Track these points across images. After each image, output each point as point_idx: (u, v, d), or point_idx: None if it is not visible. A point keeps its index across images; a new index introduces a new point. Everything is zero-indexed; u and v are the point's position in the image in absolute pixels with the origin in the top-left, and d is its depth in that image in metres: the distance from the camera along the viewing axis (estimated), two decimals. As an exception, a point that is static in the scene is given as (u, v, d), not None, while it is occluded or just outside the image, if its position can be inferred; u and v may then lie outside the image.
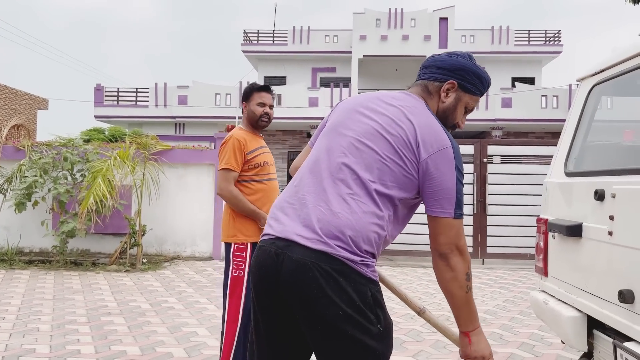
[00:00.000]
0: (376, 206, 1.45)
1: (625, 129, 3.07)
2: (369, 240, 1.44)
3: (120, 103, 21.59)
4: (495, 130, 20.28)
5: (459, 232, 1.49)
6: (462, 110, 1.63)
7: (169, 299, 5.39)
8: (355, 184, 1.46)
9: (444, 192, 1.46)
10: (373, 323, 1.42)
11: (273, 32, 24.43)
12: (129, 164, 7.29)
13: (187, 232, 8.19)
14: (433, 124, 1.50)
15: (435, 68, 1.62)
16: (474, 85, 1.61)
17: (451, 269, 1.48)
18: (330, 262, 1.40)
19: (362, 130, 1.52)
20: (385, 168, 1.46)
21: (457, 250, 1.48)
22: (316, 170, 1.52)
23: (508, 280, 6.77)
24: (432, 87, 1.61)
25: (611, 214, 2.04)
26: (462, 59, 1.61)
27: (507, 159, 8.18)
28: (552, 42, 23.58)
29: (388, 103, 1.56)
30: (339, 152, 1.51)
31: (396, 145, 1.47)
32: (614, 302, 1.98)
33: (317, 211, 1.44)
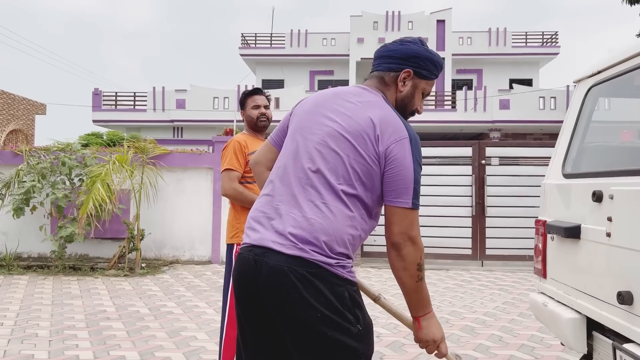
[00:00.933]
0: (347, 208, 1.48)
1: (622, 130, 3.07)
2: (343, 243, 1.47)
3: (118, 107, 21.57)
4: (494, 132, 20.30)
5: (413, 222, 1.50)
6: (419, 96, 1.66)
7: (167, 303, 5.37)
8: (324, 189, 1.48)
9: (401, 181, 1.48)
10: (352, 323, 1.45)
11: (271, 36, 24.46)
12: (127, 168, 7.29)
13: (186, 236, 8.17)
14: (391, 117, 1.52)
15: (389, 58, 1.64)
16: (429, 70, 1.63)
17: (402, 259, 1.49)
18: (305, 266, 1.42)
19: (324, 132, 1.54)
20: (349, 169, 1.49)
21: (410, 240, 1.48)
22: (285, 178, 1.55)
23: (507, 282, 6.76)
24: (389, 77, 1.63)
25: (609, 216, 2.04)
26: (414, 46, 1.62)
27: (506, 160, 8.19)
28: (549, 44, 23.63)
29: (347, 100, 1.58)
30: (304, 157, 1.54)
31: (357, 143, 1.49)
32: (613, 303, 1.97)
33: (290, 219, 1.47)
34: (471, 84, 23.33)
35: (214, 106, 20.50)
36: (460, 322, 4.72)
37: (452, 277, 7.17)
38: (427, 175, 8.19)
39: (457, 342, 4.09)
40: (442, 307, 5.30)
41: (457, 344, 4.03)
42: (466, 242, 8.07)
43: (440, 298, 5.74)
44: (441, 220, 8.08)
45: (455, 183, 8.16)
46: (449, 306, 5.35)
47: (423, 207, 8.24)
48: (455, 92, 20.94)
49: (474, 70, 23.94)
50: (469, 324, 4.65)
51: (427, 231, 8.05)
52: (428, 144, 8.68)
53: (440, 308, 5.23)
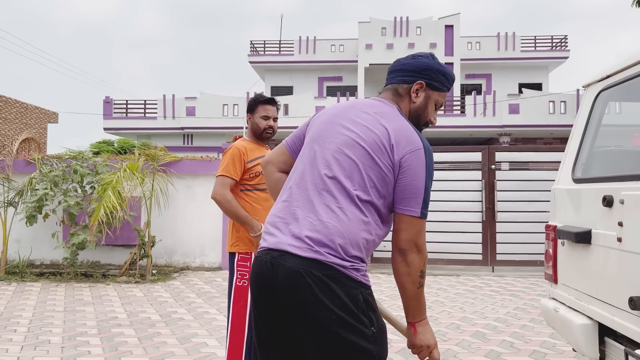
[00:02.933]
0: (361, 213, 1.53)
1: (633, 134, 3.06)
2: (357, 246, 1.51)
3: (128, 115, 21.77)
4: (503, 136, 20.22)
5: (420, 231, 1.55)
6: (432, 107, 1.71)
7: (178, 309, 5.40)
8: (340, 194, 1.53)
9: (413, 191, 1.53)
10: (366, 325, 1.48)
11: (279, 43, 24.59)
12: (138, 175, 7.35)
13: (196, 242, 8.21)
14: (406, 128, 1.58)
15: (402, 71, 1.70)
16: (441, 82, 1.69)
17: (407, 265, 1.54)
18: (321, 268, 1.47)
19: (341, 141, 1.59)
20: (365, 175, 1.54)
21: (416, 247, 1.54)
22: (302, 184, 1.60)
23: (518, 288, 6.71)
24: (402, 89, 1.70)
25: (620, 220, 2.04)
26: (426, 60, 1.69)
27: (516, 165, 8.15)
28: (558, 48, 23.52)
29: (363, 111, 1.64)
30: (321, 164, 1.59)
31: (372, 151, 1.54)
32: (625, 309, 1.96)
33: (306, 222, 1.52)
34: (480, 88, 23.26)
35: (224, 113, 20.62)
36: (471, 328, 4.69)
37: (462, 282, 7.13)
38: (437, 180, 8.16)
39: (468, 348, 4.06)
40: (453, 313, 5.27)
41: (468, 350, 4.01)
42: (477, 248, 8.02)
43: (451, 304, 5.71)
44: (451, 226, 8.05)
45: (465, 188, 8.13)
46: (460, 312, 5.32)
47: (433, 213, 8.25)
48: (464, 97, 20.90)
49: (483, 75, 23.87)
50: (480, 329, 4.62)
51: (437, 237, 8.03)
52: (438, 149, 8.66)
53: (451, 314, 5.21)
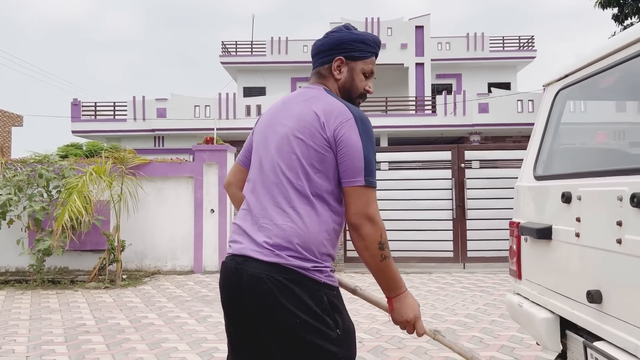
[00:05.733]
0: (314, 205, 1.51)
1: (591, 132, 3.14)
2: (319, 243, 1.50)
3: (97, 117, 21.33)
4: (474, 135, 20.54)
5: (368, 200, 1.50)
6: (361, 77, 1.69)
7: (149, 314, 5.32)
8: (290, 192, 1.52)
9: (350, 161, 1.49)
10: (331, 328, 1.47)
11: (251, 43, 24.45)
12: (105, 179, 7.21)
13: (168, 246, 8.10)
14: (333, 103, 1.55)
15: (319, 53, 1.69)
16: (360, 50, 1.66)
17: (362, 239, 1.49)
18: (282, 272, 1.46)
19: (279, 139, 1.58)
20: (306, 165, 1.52)
21: (367, 219, 1.48)
22: (255, 190, 1.60)
23: (489, 284, 6.83)
24: (324, 70, 1.68)
25: (578, 216, 2.08)
26: (338, 34, 1.67)
27: (485, 163, 8.28)
28: (525, 48, 24.01)
29: (294, 103, 1.63)
30: (268, 168, 1.58)
31: (307, 138, 1.52)
32: (584, 302, 2.01)
33: (264, 229, 1.52)
34: (451, 88, 23.57)
35: (195, 114, 20.38)
36: (442, 325, 4.75)
37: (434, 280, 7.22)
38: (408, 179, 8.26)
39: (439, 345, 4.11)
40: (425, 310, 5.32)
41: (439, 347, 4.05)
42: (448, 245, 8.13)
43: (423, 302, 5.77)
44: (423, 224, 8.14)
45: (435, 187, 8.23)
46: (431, 309, 5.38)
47: (404, 212, 8.34)
48: (435, 97, 21.14)
49: (453, 74, 24.21)
50: (450, 326, 4.69)
51: (409, 235, 8.11)
52: (408, 149, 8.75)
53: (423, 311, 5.26)
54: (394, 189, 8.24)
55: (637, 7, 12.42)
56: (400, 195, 8.24)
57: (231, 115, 20.17)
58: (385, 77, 23.05)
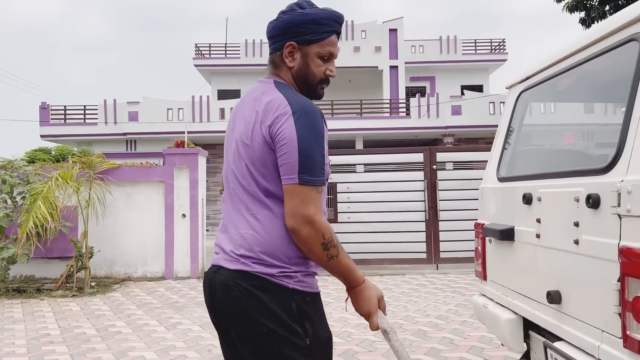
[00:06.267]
0: (270, 210, 1.43)
1: (552, 133, 3.18)
2: (283, 246, 1.42)
3: (67, 121, 20.87)
4: (447, 137, 20.75)
5: (305, 200, 1.37)
6: (316, 62, 1.53)
7: (116, 323, 5.19)
8: (248, 199, 1.47)
9: (285, 157, 1.38)
10: (300, 337, 1.39)
11: (225, 46, 24.27)
12: (72, 184, 7.04)
13: (138, 252, 7.95)
14: (274, 99, 1.43)
15: (271, 39, 1.55)
16: (313, 32, 1.50)
17: (302, 242, 1.39)
18: (248, 279, 1.41)
19: (235, 146, 1.53)
20: (253, 170, 1.45)
21: (305, 221, 1.37)
22: (225, 199, 1.57)
23: (461, 284, 6.88)
24: (278, 58, 1.55)
25: (538, 217, 2.10)
26: (287, 16, 1.51)
27: (458, 164, 8.36)
28: (497, 51, 24.40)
29: (246, 102, 1.55)
30: (230, 176, 1.55)
31: (251, 142, 1.45)
32: (544, 303, 2.02)
33: (232, 238, 1.49)
34: (424, 90, 23.80)
35: (168, 118, 20.11)
36: (414, 326, 4.75)
37: (407, 281, 7.24)
38: (382, 181, 8.29)
39: (409, 347, 4.11)
40: (397, 312, 5.33)
41: (409, 348, 4.05)
42: (421, 247, 8.17)
43: (395, 303, 5.77)
44: (396, 226, 8.17)
45: (408, 188, 8.27)
46: (404, 311, 5.39)
47: (378, 214, 8.35)
48: (409, 99, 21.30)
49: (427, 77, 24.44)
50: (421, 328, 4.69)
51: (382, 237, 8.13)
52: (382, 151, 8.78)
53: (395, 313, 5.27)
54: (369, 191, 8.26)
55: (603, 11, 12.71)
56: (375, 197, 8.25)
57: (205, 118, 19.98)
58: (360, 80, 23.14)
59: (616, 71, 1.94)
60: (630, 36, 1.74)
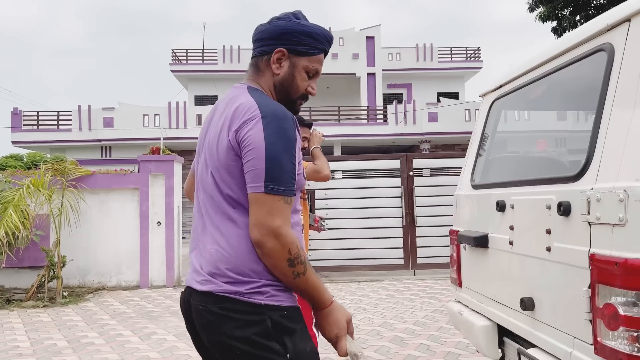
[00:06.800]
0: (234, 222, 1.35)
1: (525, 141, 3.23)
2: (249, 260, 1.33)
3: (40, 127, 20.45)
4: (424, 143, 20.95)
5: (270, 211, 1.28)
6: (302, 76, 1.48)
7: (89, 333, 5.07)
8: (212, 211, 1.39)
9: (251, 163, 1.30)
10: (280, 353, 1.30)
11: (202, 52, 24.13)
12: (44, 192, 6.89)
13: (112, 260, 7.80)
14: (244, 103, 1.36)
15: (260, 41, 1.48)
16: (307, 45, 1.46)
17: (266, 256, 1.30)
18: (217, 301, 1.33)
19: (204, 154, 1.46)
20: (217, 179, 1.37)
21: (270, 234, 1.27)
22: (195, 213, 1.49)
23: (438, 290, 6.92)
24: (262, 62, 1.49)
25: (511, 224, 2.12)
26: (284, 22, 1.46)
27: (434, 171, 8.43)
28: (472, 59, 24.80)
29: (219, 107, 1.48)
30: (198, 186, 1.48)
31: (217, 149, 1.38)
32: (518, 309, 2.04)
33: (198, 255, 1.42)
34: (401, 98, 24.01)
35: (144, 124, 19.87)
36: (391, 333, 4.76)
37: (385, 287, 7.26)
38: (359, 188, 8.30)
39: (387, 354, 4.11)
40: (375, 319, 5.33)
41: (386, 356, 4.05)
42: (398, 252, 8.21)
43: (373, 310, 5.78)
44: (374, 232, 8.19)
45: (386, 195, 8.31)
46: (381, 318, 5.39)
47: (356, 220, 8.37)
48: (386, 106, 21.47)
49: (404, 84, 24.69)
50: (398, 334, 4.70)
51: (360, 243, 8.15)
52: (360, 158, 8.82)
53: (372, 320, 5.26)
54: (347, 197, 8.27)
55: (573, 21, 13.03)
56: (353, 204, 8.27)
57: (182, 125, 19.79)
58: (338, 87, 23.23)
59: (586, 80, 1.97)
60: (599, 46, 1.78)
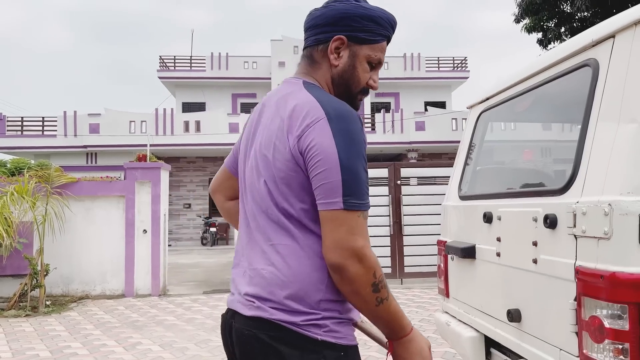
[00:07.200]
0: (294, 240, 1.17)
1: (512, 153, 3.26)
2: (310, 286, 1.16)
3: (24, 133, 20.22)
4: (411, 152, 21.07)
5: (353, 229, 1.11)
6: (364, 67, 1.29)
7: (72, 343, 4.99)
8: (266, 226, 1.21)
9: (322, 175, 1.12)
10: None
11: (190, 58, 24.09)
12: (28, 199, 6.79)
13: (96, 269, 7.70)
14: (305, 101, 1.18)
15: (315, 28, 1.29)
16: (370, 31, 1.26)
17: (348, 283, 1.12)
18: (267, 328, 1.15)
19: (252, 157, 1.27)
20: (275, 191, 1.19)
21: (353, 256, 1.10)
22: (242, 225, 1.32)
23: (425, 299, 6.94)
24: (317, 53, 1.30)
25: (498, 236, 2.13)
26: (342, 5, 1.26)
27: (422, 180, 8.48)
28: (459, 68, 25.06)
29: (268, 106, 1.30)
30: (246, 195, 1.29)
31: (272, 155, 1.20)
32: (505, 321, 2.05)
33: (246, 275, 1.25)
34: (389, 106, 24.16)
35: (131, 130, 19.72)
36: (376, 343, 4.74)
37: (372, 297, 7.24)
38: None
39: (374, 364, 4.10)
40: (361, 328, 5.31)
41: (373, 366, 4.04)
42: (386, 261, 8.22)
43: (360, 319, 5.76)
44: (361, 241, 8.18)
45: (373, 203, 8.30)
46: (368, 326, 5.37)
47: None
48: (374, 115, 21.58)
49: (392, 93, 24.85)
50: (386, 344, 4.69)
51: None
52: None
53: (359, 330, 5.25)
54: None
55: (558, 33, 13.24)
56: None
57: (169, 131, 19.68)
58: (326, 95, 23.30)
59: (571, 94, 2.00)
60: (584, 61, 1.81)
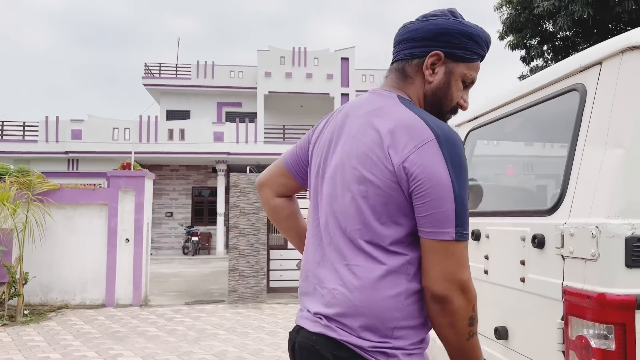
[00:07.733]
0: (375, 262, 1.12)
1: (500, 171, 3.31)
2: (384, 312, 1.11)
3: (4, 137, 19.90)
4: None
5: (460, 261, 1.09)
6: (458, 85, 1.25)
7: (51, 354, 4.90)
8: (343, 244, 1.16)
9: (433, 204, 1.07)
10: None
11: (176, 66, 24.02)
12: (8, 206, 6.68)
13: (77, 278, 7.59)
14: (406, 120, 1.12)
15: (410, 41, 1.23)
16: (468, 49, 1.22)
17: (449, 315, 1.09)
18: (331, 347, 1.12)
19: (334, 167, 1.22)
20: (363, 206, 1.13)
21: (459, 288, 1.08)
22: (310, 237, 1.28)
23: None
24: (411, 67, 1.24)
25: (486, 254, 2.16)
26: (442, 20, 1.21)
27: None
28: (444, 83, 25.43)
29: (356, 116, 1.23)
30: (322, 207, 1.23)
31: (364, 170, 1.13)
32: (492, 338, 2.07)
33: (315, 292, 1.22)
34: (374, 118, 24.36)
35: (114, 137, 19.54)
36: (362, 356, 4.74)
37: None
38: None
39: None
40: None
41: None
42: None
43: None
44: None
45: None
46: (352, 340, 5.38)
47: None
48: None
49: (377, 105, 25.07)
50: None
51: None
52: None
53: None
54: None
55: (541, 51, 13.52)
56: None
57: (153, 139, 19.54)
58: (312, 106, 23.39)
59: (559, 117, 2.05)
60: (571, 86, 1.86)
